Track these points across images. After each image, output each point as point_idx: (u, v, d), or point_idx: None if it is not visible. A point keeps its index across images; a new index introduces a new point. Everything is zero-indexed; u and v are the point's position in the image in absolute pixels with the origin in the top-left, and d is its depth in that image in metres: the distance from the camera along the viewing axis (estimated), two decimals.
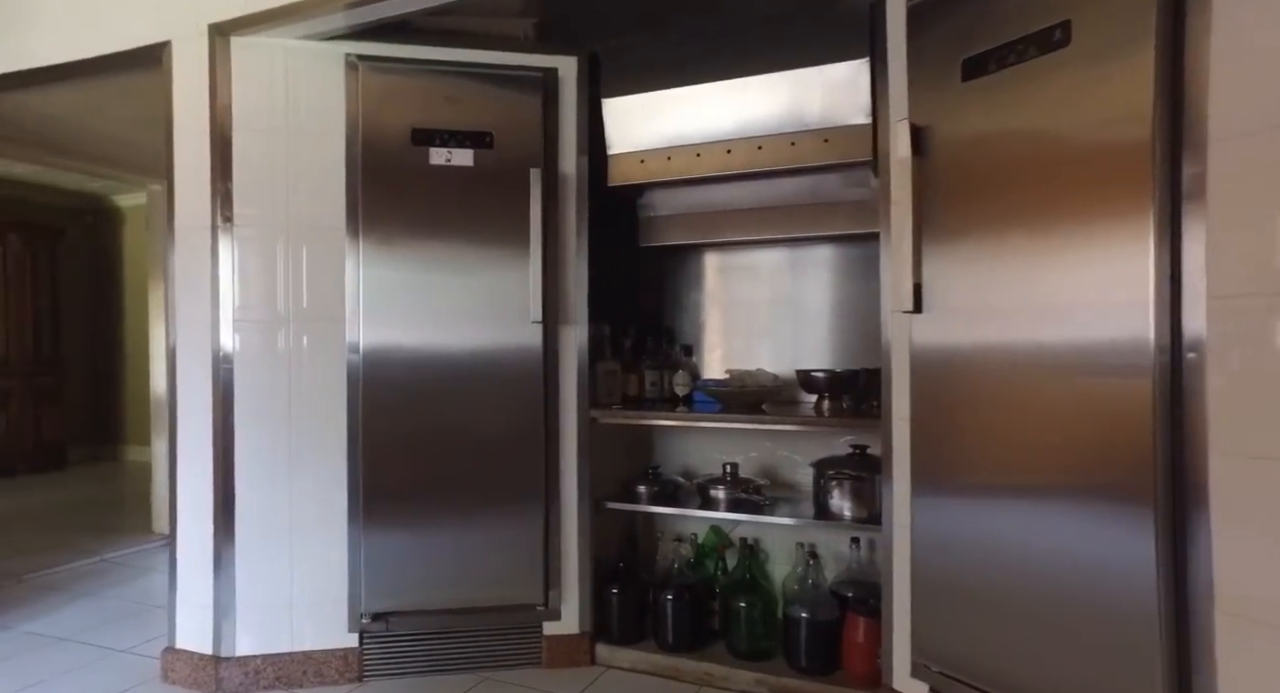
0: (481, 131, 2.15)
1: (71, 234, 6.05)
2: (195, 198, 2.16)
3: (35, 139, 3.16)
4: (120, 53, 2.26)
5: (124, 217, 6.23)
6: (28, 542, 3.68)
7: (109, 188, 5.81)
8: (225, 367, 2.14)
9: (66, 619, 2.70)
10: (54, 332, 5.87)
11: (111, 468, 5.93)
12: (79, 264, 6.18)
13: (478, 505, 2.20)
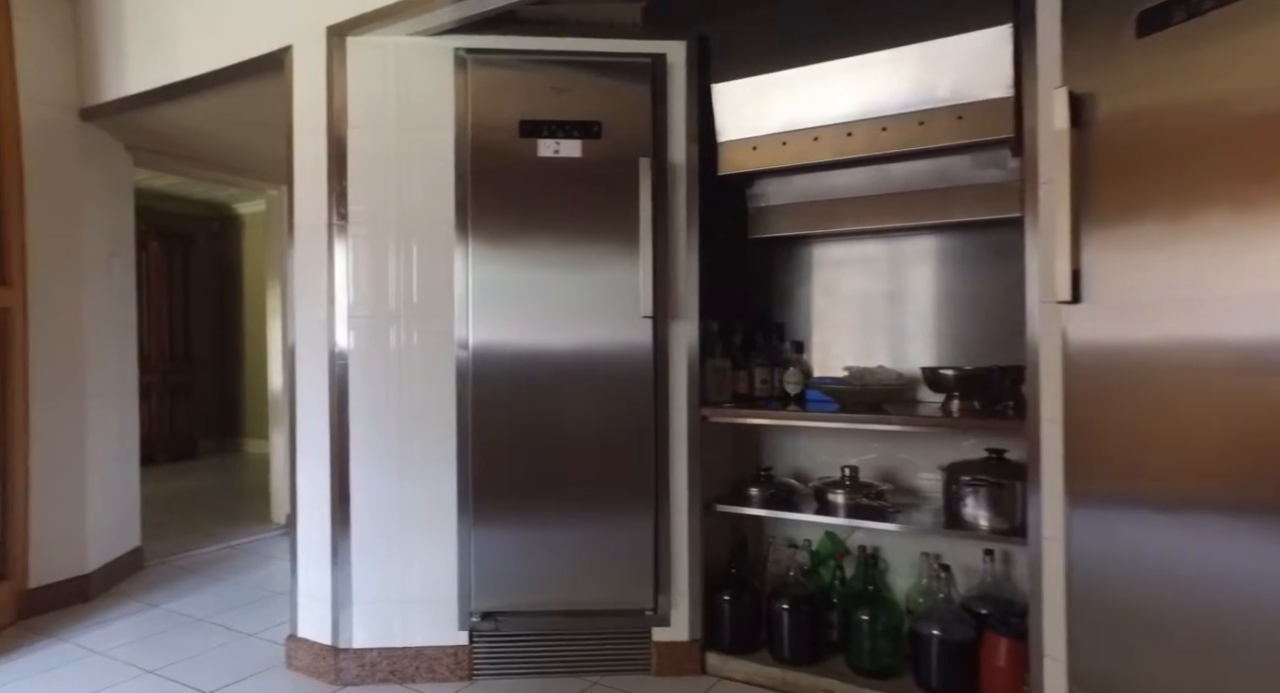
0: (589, 121, 2.10)
1: (199, 241, 6.49)
2: (313, 198, 2.21)
3: (175, 150, 3.36)
4: (247, 61, 2.35)
5: (244, 223, 6.62)
6: (169, 525, 3.93)
7: (232, 197, 6.19)
8: (340, 363, 2.18)
9: (202, 601, 2.85)
10: (185, 332, 6.32)
11: (234, 459, 6.32)
12: (206, 269, 6.62)
13: (586, 505, 2.15)
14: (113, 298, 3.09)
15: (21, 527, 2.69)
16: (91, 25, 2.80)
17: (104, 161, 3.03)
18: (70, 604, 2.82)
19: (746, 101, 2.11)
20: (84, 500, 2.89)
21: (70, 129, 2.84)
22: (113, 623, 2.65)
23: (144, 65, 2.64)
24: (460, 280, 2.13)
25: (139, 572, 3.24)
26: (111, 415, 3.07)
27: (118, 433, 3.11)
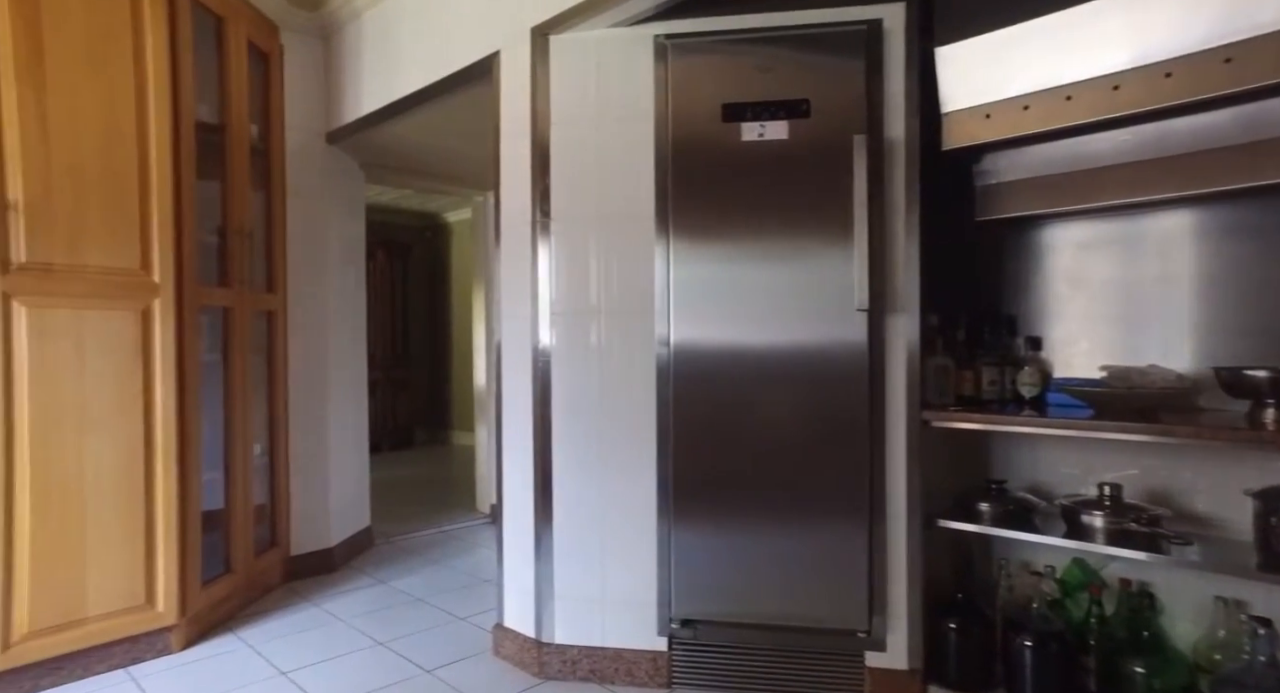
0: (797, 100, 1.95)
1: (415, 249, 7.16)
2: (518, 197, 2.27)
3: (397, 163, 3.69)
4: (458, 71, 2.48)
5: (452, 231, 7.20)
6: (392, 509, 4.33)
7: (441, 206, 6.75)
8: (543, 360, 2.22)
9: (421, 582, 3.08)
10: (404, 332, 6.99)
11: (444, 450, 6.89)
12: (420, 274, 7.29)
13: (791, 513, 2.01)
14: (348, 302, 3.43)
15: (285, 504, 3.06)
16: (338, 59, 3.13)
17: (343, 179, 3.38)
18: (318, 573, 3.16)
19: (979, 63, 1.84)
20: (328, 483, 3.23)
21: (318, 151, 3.19)
22: (351, 594, 2.93)
23: (375, 88, 2.89)
24: (660, 276, 2.08)
25: (369, 549, 3.58)
26: (348, 408, 3.41)
27: (352, 423, 3.45)
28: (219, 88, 2.66)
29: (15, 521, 2.04)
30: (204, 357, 2.52)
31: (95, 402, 2.17)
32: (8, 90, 2.02)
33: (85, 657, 2.19)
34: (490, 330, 4.19)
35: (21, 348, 2.05)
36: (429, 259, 7.37)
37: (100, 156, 2.18)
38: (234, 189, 2.70)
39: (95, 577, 2.17)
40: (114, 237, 2.21)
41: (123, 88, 2.22)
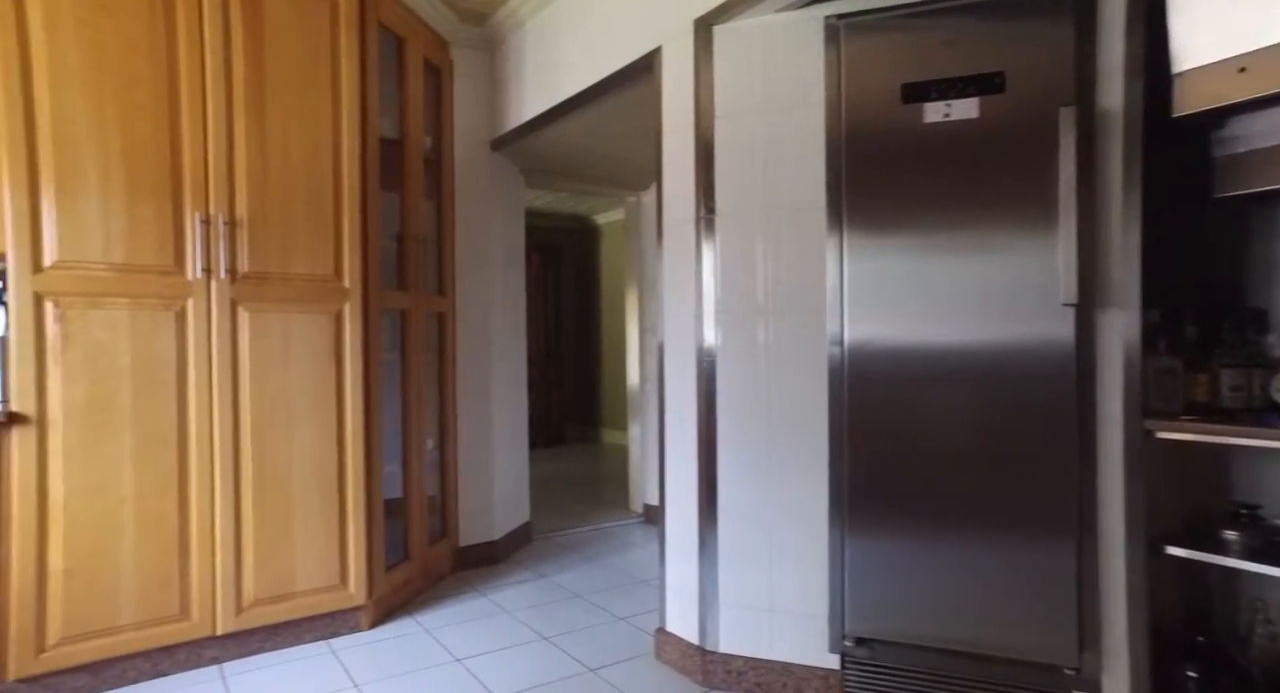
0: (989, 73, 1.76)
1: (566, 251, 7.39)
2: (681, 194, 2.23)
3: (554, 167, 3.79)
4: (618, 71, 2.48)
5: (602, 232, 7.36)
6: (548, 505, 4.48)
7: (592, 208, 6.91)
8: (708, 359, 2.16)
9: (579, 579, 3.13)
10: (556, 332, 7.24)
11: (594, 448, 7.05)
12: (570, 275, 7.51)
13: (983, 528, 1.81)
14: (509, 304, 3.56)
15: (454, 497, 3.23)
16: (502, 69, 3.26)
17: (505, 184, 3.51)
18: (483, 565, 3.31)
19: (1230, 7, 1.56)
20: (491, 478, 3.38)
21: (483, 159, 3.34)
22: (514, 587, 3.04)
23: (536, 94, 2.97)
24: (832, 271, 1.96)
25: (529, 544, 3.70)
26: (509, 405, 3.54)
27: (513, 421, 3.58)
28: (399, 104, 2.84)
29: (242, 501, 2.28)
30: (384, 356, 2.70)
31: (299, 397, 2.38)
32: (238, 122, 2.26)
33: (295, 626, 2.41)
34: (643, 330, 4.21)
35: (244, 348, 2.28)
36: (579, 261, 7.58)
37: (303, 175, 2.38)
38: (411, 199, 2.88)
39: (301, 556, 2.38)
40: (313, 247, 2.41)
41: (322, 111, 2.42)
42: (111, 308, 2.10)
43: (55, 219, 2.02)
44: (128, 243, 2.12)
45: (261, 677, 2.21)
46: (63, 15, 2.03)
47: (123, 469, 2.11)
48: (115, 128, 2.10)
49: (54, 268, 2.03)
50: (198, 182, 2.22)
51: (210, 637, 2.26)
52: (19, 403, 1.98)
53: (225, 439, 2.26)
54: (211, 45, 2.23)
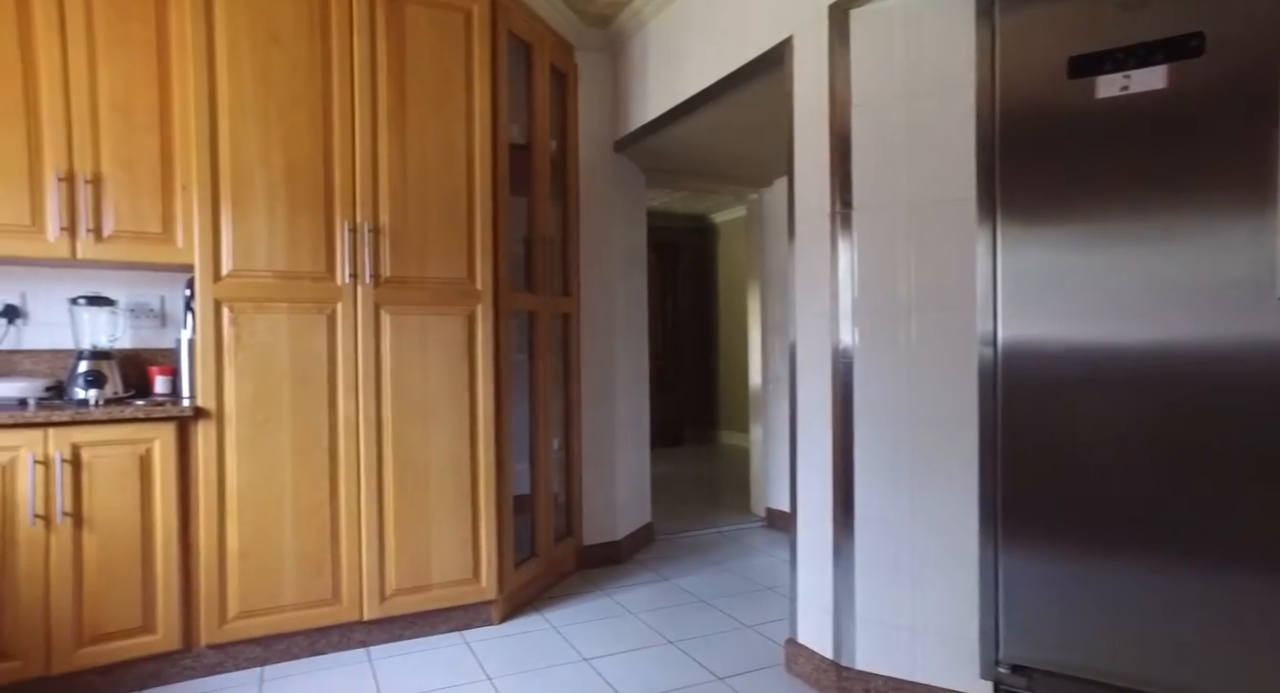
0: (1184, 35, 1.55)
1: (683, 251, 7.37)
2: (814, 188, 2.13)
3: (676, 167, 3.77)
4: (746, 64, 2.41)
5: (719, 231, 7.28)
6: (668, 506, 4.47)
7: (709, 207, 6.85)
8: (844, 361, 2.05)
9: (702, 583, 3.09)
10: (673, 332, 7.23)
11: (713, 450, 6.98)
12: (687, 275, 7.48)
13: (1188, 551, 1.60)
14: (631, 304, 3.57)
15: (578, 496, 3.28)
16: (625, 69, 3.27)
17: (627, 185, 3.53)
18: (606, 564, 3.34)
19: None
20: (614, 478, 3.40)
21: (606, 160, 3.36)
22: (637, 588, 3.04)
23: (660, 92, 2.96)
24: (983, 266, 1.80)
25: (650, 545, 3.70)
26: (631, 406, 3.55)
27: (635, 421, 3.59)
28: (526, 110, 2.91)
29: (385, 495, 2.41)
30: (513, 356, 2.77)
31: (435, 395, 2.49)
32: (381, 135, 2.39)
33: (432, 616, 2.52)
34: (766, 330, 4.11)
35: (386, 348, 2.41)
36: (696, 260, 7.54)
37: (438, 182, 2.48)
38: (538, 202, 2.94)
39: (437, 550, 2.48)
40: (448, 251, 2.50)
41: (455, 121, 2.51)
42: (274, 312, 2.27)
43: (231, 233, 2.21)
44: (288, 252, 2.28)
45: (404, 662, 2.32)
46: (241, 48, 2.22)
47: (283, 462, 2.28)
48: (279, 148, 2.27)
49: (229, 277, 2.22)
50: (346, 193, 2.36)
51: (358, 621, 2.39)
52: (203, 399, 2.18)
53: (369, 435, 2.39)
54: (360, 65, 2.36)
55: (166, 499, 2.15)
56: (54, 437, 2.01)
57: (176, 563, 2.16)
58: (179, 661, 2.20)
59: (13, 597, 1.98)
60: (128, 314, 2.55)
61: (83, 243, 2.21)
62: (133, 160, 2.27)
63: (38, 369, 2.44)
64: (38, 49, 2.16)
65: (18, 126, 2.15)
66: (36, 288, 2.45)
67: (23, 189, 2.15)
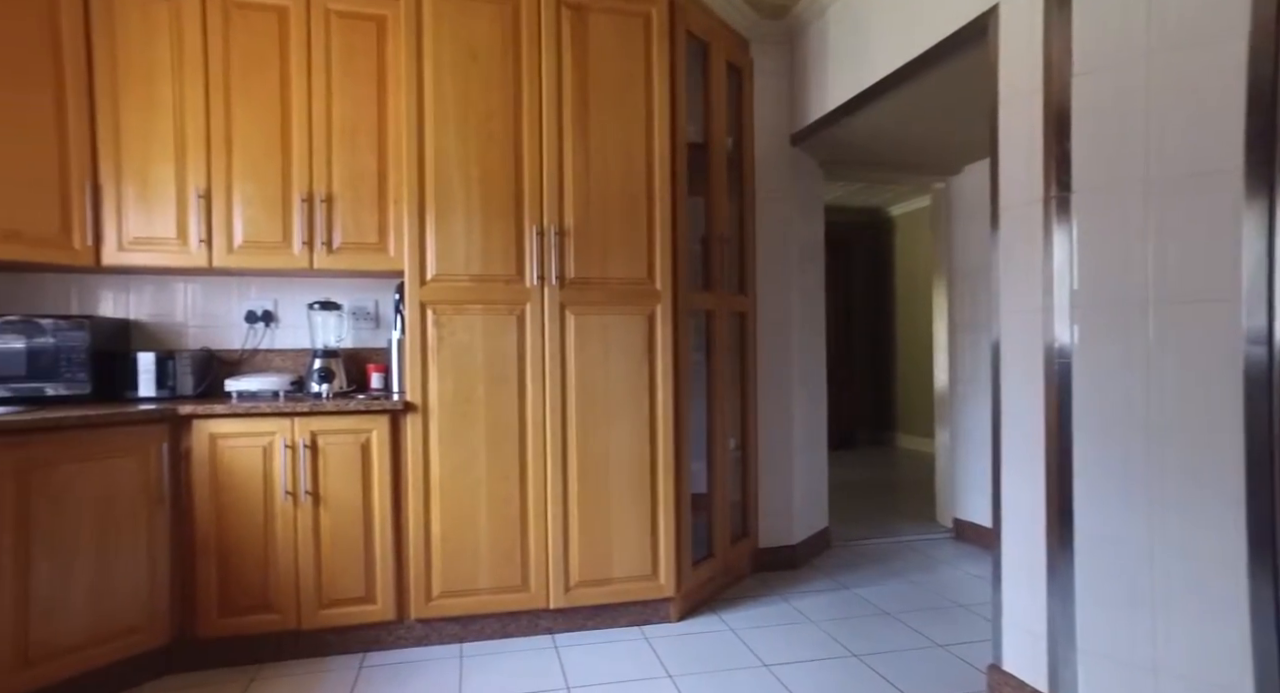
0: None
1: (857, 246, 7.05)
2: (1022, 172, 1.93)
3: (855, 158, 3.60)
4: (942, 41, 2.23)
5: (896, 225, 6.88)
6: (844, 511, 4.28)
7: (886, 200, 6.49)
8: (1060, 362, 1.83)
9: (885, 594, 2.91)
10: (846, 331, 6.93)
11: (888, 453, 6.61)
12: (861, 271, 7.14)
13: None
14: (808, 302, 3.45)
15: (754, 498, 3.23)
16: (802, 60, 3.17)
17: (804, 179, 3.41)
18: (781, 568, 3.25)
19: None
20: (790, 480, 3.30)
21: (782, 154, 3.28)
22: (816, 595, 2.93)
23: (841, 81, 2.83)
24: (1252, 250, 1.52)
25: (827, 551, 3.56)
26: (808, 406, 3.43)
27: (811, 422, 3.47)
28: (703, 108, 2.90)
29: (569, 488, 2.51)
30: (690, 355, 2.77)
31: (616, 393, 2.55)
32: (566, 140, 2.50)
33: (612, 610, 2.59)
34: (955, 327, 3.81)
35: (570, 347, 2.51)
36: (871, 255, 7.18)
37: (619, 184, 2.54)
38: (714, 200, 2.92)
39: (617, 544, 2.55)
40: (627, 251, 2.55)
41: (635, 122, 2.56)
42: (470, 313, 2.44)
43: (434, 240, 2.41)
44: (483, 256, 2.44)
45: (587, 652, 2.40)
46: (444, 68, 2.41)
47: (478, 454, 2.44)
48: (475, 159, 2.43)
49: (433, 281, 2.41)
50: (534, 198, 2.48)
51: (544, 609, 2.51)
52: (411, 394, 2.39)
53: (555, 431, 2.50)
54: (547, 74, 2.48)
55: (382, 484, 2.38)
56: (298, 425, 2.30)
57: (391, 542, 2.39)
58: (393, 630, 2.43)
59: (273, 560, 2.29)
60: (350, 317, 2.86)
61: (318, 255, 2.52)
62: (356, 180, 2.54)
63: (285, 366, 2.81)
64: (291, 90, 2.49)
65: (275, 157, 2.49)
66: (283, 295, 2.82)
67: (277, 211, 2.49)
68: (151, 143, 2.42)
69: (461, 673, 2.25)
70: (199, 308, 2.77)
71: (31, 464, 1.95)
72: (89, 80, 2.37)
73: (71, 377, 2.31)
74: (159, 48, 2.42)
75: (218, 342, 2.77)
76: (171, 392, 2.51)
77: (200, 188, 2.45)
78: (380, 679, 2.22)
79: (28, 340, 2.28)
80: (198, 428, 2.24)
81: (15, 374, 2.26)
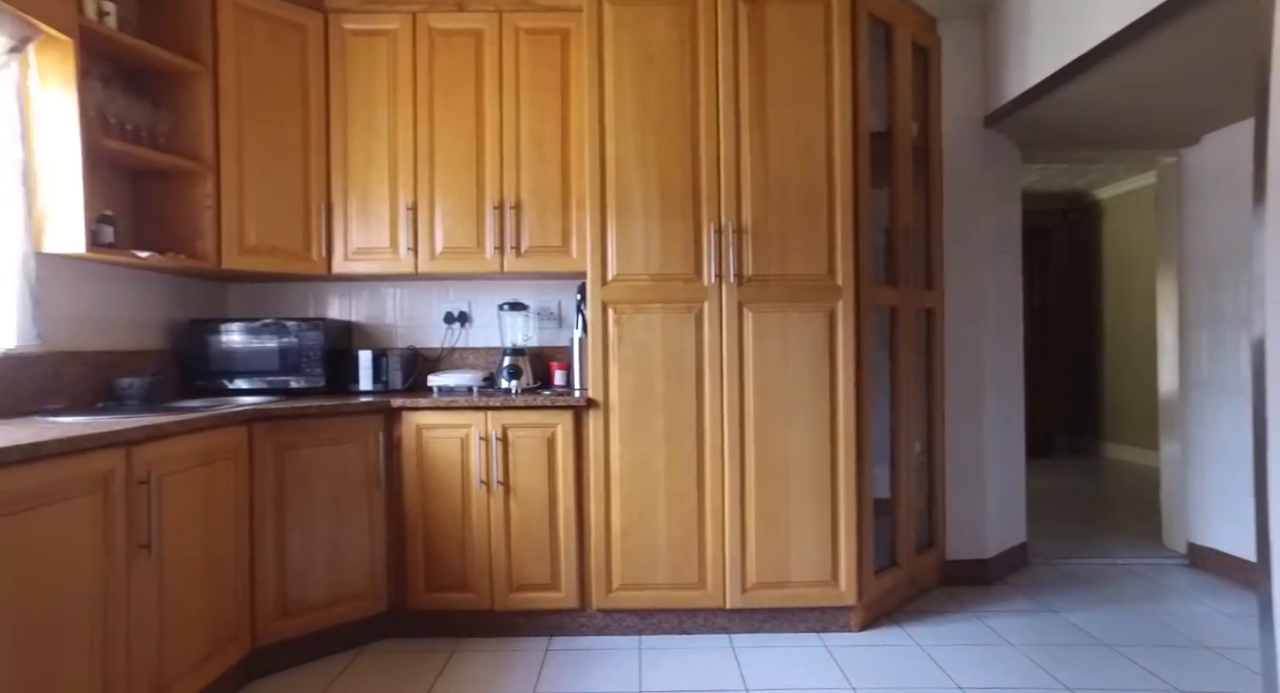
0: None
1: (1055, 234, 6.37)
2: None
3: (1059, 137, 3.24)
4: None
5: (1104, 209, 6.13)
6: (1043, 525, 3.87)
7: (1092, 182, 5.81)
8: None
9: (1102, 624, 2.59)
10: (1042, 327, 6.28)
11: (1092, 463, 5.91)
12: (1059, 262, 6.44)
13: None
14: (1003, 296, 3.16)
15: (941, 505, 3.02)
16: (998, 34, 2.91)
17: (998, 163, 3.13)
18: (972, 584, 3.00)
19: None
20: (982, 488, 3.04)
21: (973, 138, 3.03)
22: (1014, 616, 2.67)
23: (1047, 51, 2.55)
24: None
25: (1025, 568, 3.24)
26: (1003, 409, 3.15)
27: (1007, 426, 3.17)
28: (886, 94, 2.75)
29: (746, 487, 2.48)
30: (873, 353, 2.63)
31: (794, 392, 2.48)
32: (743, 135, 2.47)
33: (790, 614, 2.53)
34: (1186, 324, 3.32)
35: (748, 346, 2.48)
36: (1073, 244, 6.45)
37: (797, 178, 2.47)
38: (899, 190, 2.76)
39: (796, 547, 2.48)
40: (807, 247, 2.48)
41: (815, 114, 2.47)
42: (649, 312, 2.48)
43: (615, 240, 2.48)
44: (661, 255, 2.48)
45: (764, 655, 2.36)
46: (624, 69, 2.47)
47: (657, 450, 2.48)
48: (653, 159, 2.47)
49: (614, 281, 2.48)
50: (711, 196, 2.47)
51: (720, 609, 2.50)
52: (593, 391, 2.48)
53: (733, 429, 2.47)
54: (724, 70, 2.46)
55: (566, 477, 2.48)
56: (491, 418, 2.47)
57: (574, 533, 2.49)
58: (576, 618, 2.54)
59: (469, 543, 2.48)
60: (535, 317, 3.03)
61: (507, 258, 2.69)
62: (540, 186, 2.68)
63: (477, 363, 3.04)
64: (484, 106, 2.69)
65: (470, 170, 2.70)
66: (476, 297, 3.04)
67: (471, 218, 2.70)
68: (370, 163, 2.71)
69: (641, 665, 2.30)
70: (405, 310, 3.06)
71: (285, 446, 2.26)
72: (325, 112, 2.70)
73: (310, 371, 2.65)
74: (378, 77, 2.70)
75: (420, 341, 3.05)
76: (384, 386, 2.79)
77: (409, 201, 2.70)
78: (565, 663, 2.32)
79: (278, 340, 2.64)
80: (406, 419, 2.47)
81: (270, 369, 2.63)
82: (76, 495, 1.53)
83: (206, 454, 1.97)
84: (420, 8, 2.69)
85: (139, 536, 1.70)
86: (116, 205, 2.41)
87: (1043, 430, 6.16)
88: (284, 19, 2.61)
